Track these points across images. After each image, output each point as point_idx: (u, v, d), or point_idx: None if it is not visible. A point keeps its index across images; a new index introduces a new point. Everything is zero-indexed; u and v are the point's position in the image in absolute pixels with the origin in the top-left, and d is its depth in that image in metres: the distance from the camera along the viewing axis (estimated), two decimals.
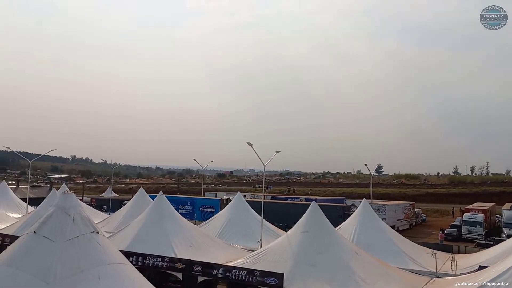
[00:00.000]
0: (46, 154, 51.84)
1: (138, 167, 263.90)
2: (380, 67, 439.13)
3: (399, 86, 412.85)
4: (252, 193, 74.61)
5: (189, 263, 18.75)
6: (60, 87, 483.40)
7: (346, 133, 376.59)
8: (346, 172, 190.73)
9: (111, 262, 7.89)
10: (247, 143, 28.02)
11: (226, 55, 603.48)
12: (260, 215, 27.89)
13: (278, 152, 29.77)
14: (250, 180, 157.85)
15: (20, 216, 36.65)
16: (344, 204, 51.29)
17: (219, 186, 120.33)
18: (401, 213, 51.09)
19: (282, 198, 64.80)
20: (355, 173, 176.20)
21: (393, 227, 36.42)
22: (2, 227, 29.34)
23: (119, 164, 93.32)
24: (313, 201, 23.50)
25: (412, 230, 50.40)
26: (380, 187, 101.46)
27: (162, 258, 19.32)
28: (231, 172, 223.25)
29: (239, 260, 19.28)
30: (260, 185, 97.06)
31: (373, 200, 50.52)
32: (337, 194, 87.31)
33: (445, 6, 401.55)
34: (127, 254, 15.30)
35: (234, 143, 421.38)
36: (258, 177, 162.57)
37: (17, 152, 48.84)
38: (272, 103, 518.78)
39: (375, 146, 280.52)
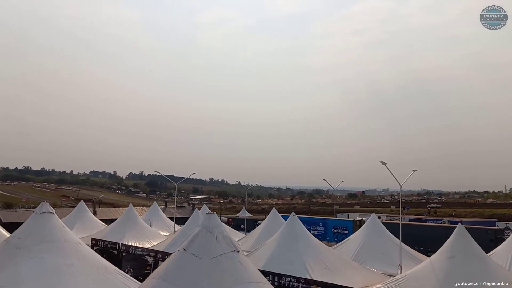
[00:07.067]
0: (189, 177, 56.81)
1: (269, 187, 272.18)
2: None
3: None
4: (387, 215, 70.83)
5: (325, 285, 18.36)
6: (204, 113, 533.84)
7: (494, 148, 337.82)
8: (496, 191, 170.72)
9: (252, 281, 8.17)
10: (380, 162, 26.78)
11: (356, 73, 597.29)
12: (398, 238, 26.28)
13: (415, 170, 27.83)
14: (384, 201, 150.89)
15: (168, 234, 40.39)
16: (496, 227, 45.55)
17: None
18: None
19: (421, 220, 60.26)
20: (507, 191, 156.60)
21: None
22: (154, 244, 32.68)
23: (252, 185, 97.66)
24: (459, 223, 21.30)
25: None
26: None
27: (297, 279, 19.28)
28: (363, 192, 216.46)
29: (378, 285, 18.28)
30: (396, 206, 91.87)
31: None
32: (486, 216, 78.04)
33: None
34: (264, 273, 15.66)
35: (365, 162, 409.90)
36: (392, 197, 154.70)
37: (165, 175, 54.53)
38: (406, 119, 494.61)
39: None
